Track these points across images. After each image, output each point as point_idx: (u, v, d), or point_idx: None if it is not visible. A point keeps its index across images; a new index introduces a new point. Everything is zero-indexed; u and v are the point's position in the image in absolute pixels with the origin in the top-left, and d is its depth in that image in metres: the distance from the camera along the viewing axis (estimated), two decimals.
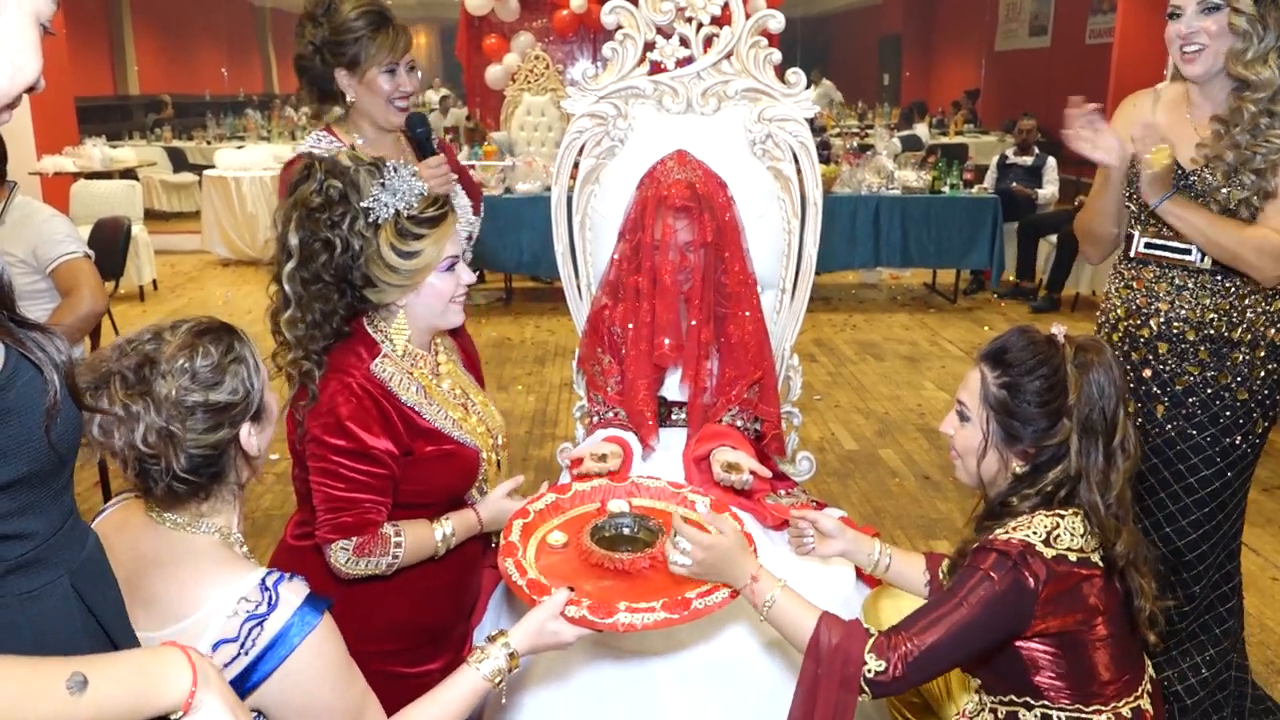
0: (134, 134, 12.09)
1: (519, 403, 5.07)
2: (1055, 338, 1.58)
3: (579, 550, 1.68)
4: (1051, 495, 1.53)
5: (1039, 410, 1.53)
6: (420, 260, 1.73)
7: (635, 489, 1.83)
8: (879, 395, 5.24)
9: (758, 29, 2.48)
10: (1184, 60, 2.04)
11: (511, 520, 1.75)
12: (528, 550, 1.66)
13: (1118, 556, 1.51)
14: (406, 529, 1.78)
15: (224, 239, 8.76)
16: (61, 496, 0.99)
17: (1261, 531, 3.62)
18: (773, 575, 1.58)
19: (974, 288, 7.62)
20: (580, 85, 2.55)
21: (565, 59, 10.22)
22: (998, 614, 1.45)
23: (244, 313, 7.09)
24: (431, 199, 1.76)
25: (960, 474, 1.68)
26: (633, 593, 1.54)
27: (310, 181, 1.71)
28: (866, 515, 3.74)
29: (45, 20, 0.98)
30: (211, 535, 1.31)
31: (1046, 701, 1.52)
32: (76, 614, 1.00)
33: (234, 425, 1.29)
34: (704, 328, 2.24)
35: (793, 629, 1.53)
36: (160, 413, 1.22)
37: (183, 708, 0.98)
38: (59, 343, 0.97)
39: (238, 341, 1.33)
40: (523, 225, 6.65)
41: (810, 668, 1.50)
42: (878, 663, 1.44)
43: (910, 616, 1.50)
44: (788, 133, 2.50)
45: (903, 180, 7.21)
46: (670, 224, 2.22)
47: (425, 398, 1.83)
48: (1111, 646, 1.52)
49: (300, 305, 1.73)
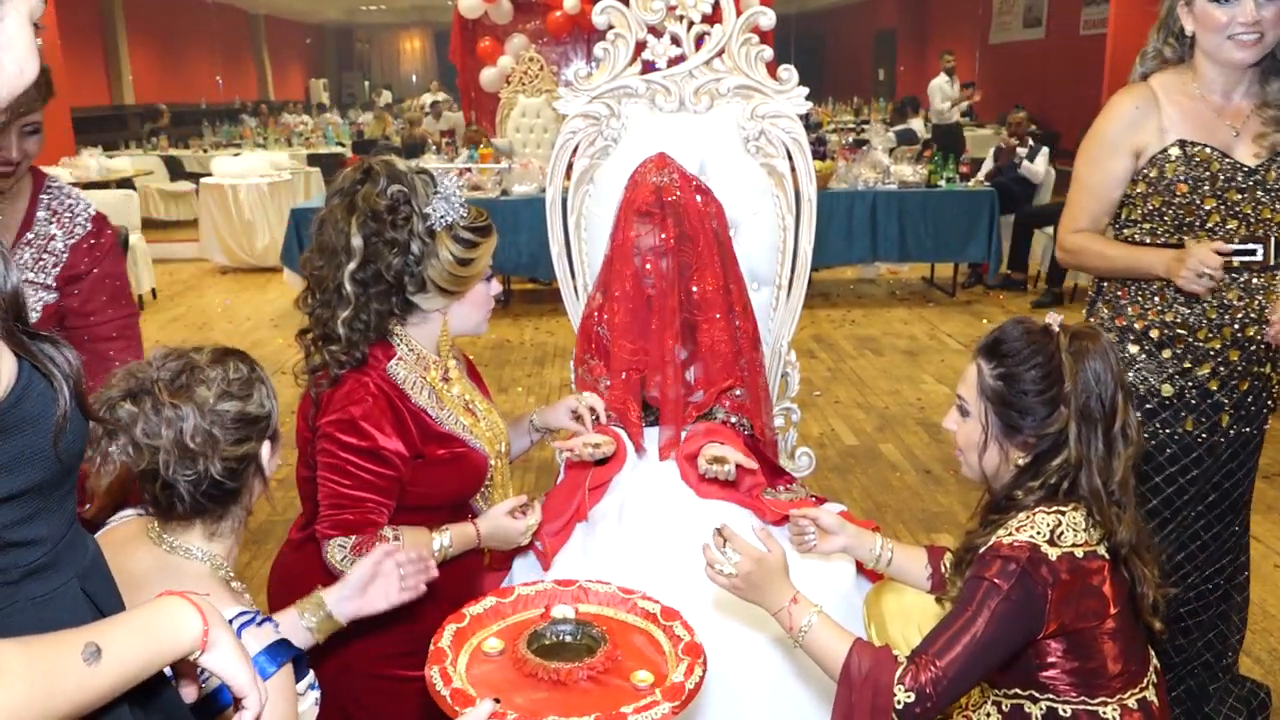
0: (130, 143, 12.11)
1: (519, 404, 5.08)
2: (1050, 327, 1.58)
3: (514, 658, 1.55)
4: (1055, 487, 1.53)
5: (1036, 399, 1.53)
6: (475, 267, 1.83)
7: (583, 594, 1.71)
8: (879, 390, 5.24)
9: (749, 26, 2.48)
10: (1238, 46, 1.95)
11: (444, 625, 1.61)
12: (459, 658, 1.54)
13: (1120, 544, 1.51)
14: (406, 534, 1.77)
15: (222, 246, 8.77)
16: (65, 503, 1.00)
17: (1263, 519, 3.62)
18: (810, 601, 1.55)
19: (972, 281, 7.63)
20: (573, 86, 2.55)
21: (560, 60, 10.21)
22: (1013, 625, 1.45)
23: (243, 319, 7.10)
24: (478, 211, 1.84)
25: (965, 470, 1.67)
26: (566, 706, 1.42)
27: (371, 184, 1.75)
28: (867, 510, 3.74)
29: (37, 18, 0.99)
30: (203, 563, 1.33)
31: (1052, 694, 1.52)
32: (88, 616, 1.01)
33: (259, 439, 1.35)
34: (667, 333, 2.22)
35: (826, 655, 1.51)
36: (204, 416, 1.29)
37: (199, 647, 1.00)
38: (69, 353, 0.98)
39: (254, 363, 1.41)
40: (520, 227, 6.66)
41: (844, 694, 1.48)
42: (907, 694, 1.43)
43: (928, 638, 1.48)
44: (781, 129, 2.51)
45: (899, 175, 7.21)
46: (635, 229, 2.22)
47: (436, 401, 1.86)
48: (1118, 638, 1.52)
49: (358, 305, 1.76)
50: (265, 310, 7.40)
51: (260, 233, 8.69)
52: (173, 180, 11.30)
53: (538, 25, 9.89)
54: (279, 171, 9.40)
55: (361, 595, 1.58)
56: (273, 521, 3.68)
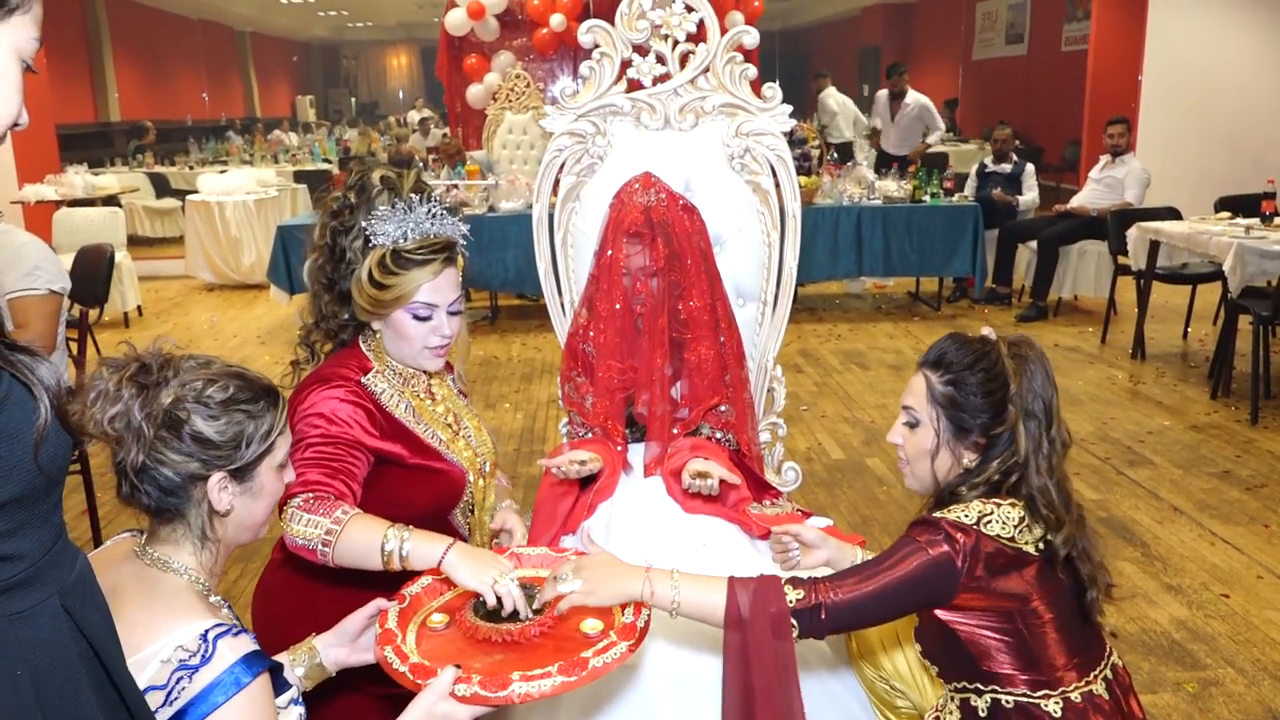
0: (116, 160, 12.06)
1: (507, 420, 5.08)
2: (987, 337, 1.66)
3: (463, 628, 1.56)
4: (999, 484, 1.59)
5: (984, 400, 1.60)
6: (387, 294, 1.76)
7: (517, 560, 1.73)
8: (865, 404, 5.26)
9: (733, 45, 2.51)
10: None
11: (386, 609, 1.60)
12: (407, 636, 1.54)
13: (1060, 546, 1.55)
14: (361, 516, 1.65)
15: (208, 263, 8.74)
16: (51, 517, 0.99)
17: (1245, 530, 3.65)
18: (662, 569, 1.56)
19: (957, 295, 7.67)
20: (559, 104, 2.57)
21: (546, 77, 10.24)
22: (922, 583, 1.51)
23: (230, 336, 7.08)
24: (430, 242, 1.77)
25: (910, 483, 1.73)
26: (525, 662, 1.44)
27: (344, 188, 1.82)
28: (854, 524, 3.75)
29: (28, 58, 0.99)
30: (181, 576, 1.32)
31: (996, 686, 1.57)
32: (67, 634, 0.99)
33: (208, 465, 1.30)
34: (656, 352, 2.23)
35: (707, 609, 1.53)
36: (143, 410, 1.24)
37: None
38: (49, 367, 0.98)
39: (268, 405, 1.35)
40: (507, 243, 6.67)
41: (735, 639, 1.50)
42: (796, 591, 1.50)
43: (839, 573, 1.56)
44: (765, 147, 2.53)
45: (884, 190, 7.25)
46: (625, 249, 2.23)
47: (414, 416, 1.86)
48: (1058, 633, 1.56)
49: (315, 297, 1.87)
50: (252, 327, 7.38)
51: (247, 250, 8.67)
52: (159, 197, 11.27)
53: (524, 42, 9.91)
54: (265, 188, 9.38)
55: (352, 643, 1.58)
56: (259, 539, 3.66)
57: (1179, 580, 3.30)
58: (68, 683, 0.99)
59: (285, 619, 1.81)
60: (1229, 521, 3.73)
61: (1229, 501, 3.92)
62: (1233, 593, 3.21)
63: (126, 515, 3.93)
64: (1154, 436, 4.68)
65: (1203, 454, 4.43)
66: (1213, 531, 3.65)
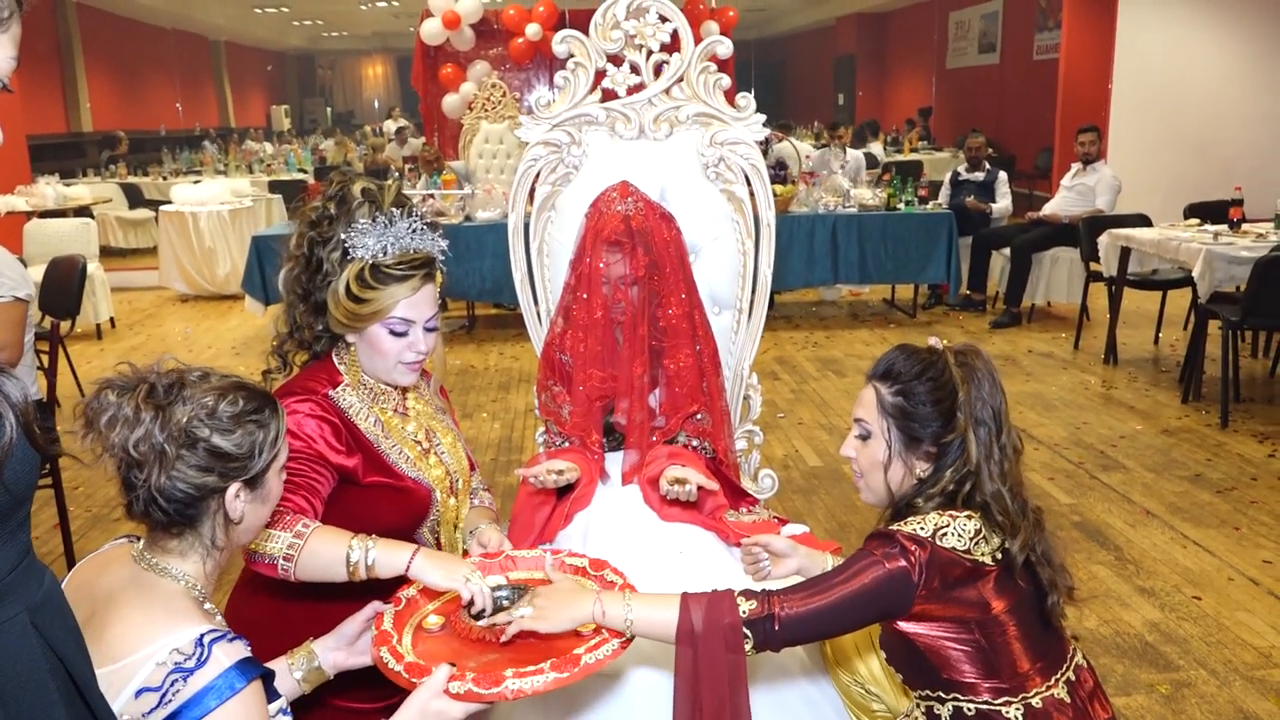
0: (88, 171, 11.95)
1: (484, 430, 5.07)
2: (935, 347, 1.68)
3: (458, 629, 1.59)
4: (954, 494, 1.60)
5: (934, 409, 1.61)
6: (365, 308, 1.75)
7: (510, 562, 1.76)
8: (842, 411, 5.28)
9: (707, 55, 2.52)
10: None
11: (382, 611, 1.62)
12: (403, 638, 1.57)
13: (1017, 552, 1.56)
14: (323, 529, 1.63)
15: (182, 274, 8.67)
16: (17, 535, 0.99)
17: (1216, 533, 3.69)
18: (614, 592, 1.59)
19: (932, 302, 7.73)
20: (534, 114, 2.58)
21: (522, 86, 10.26)
22: (880, 592, 1.51)
23: (205, 347, 7.03)
24: (410, 257, 1.76)
25: (865, 495, 1.73)
26: (519, 660, 1.48)
27: (324, 198, 1.80)
28: (831, 530, 3.77)
29: (4, 77, 0.99)
30: (179, 582, 1.32)
31: (958, 694, 1.58)
32: (36, 650, 0.99)
33: (225, 478, 1.32)
34: (636, 360, 2.24)
35: (660, 626, 1.53)
36: (163, 431, 1.27)
37: None
38: (15, 383, 0.97)
39: (271, 412, 1.38)
40: (484, 253, 6.66)
41: (686, 654, 1.50)
42: (749, 602, 1.50)
43: (796, 585, 1.56)
44: (739, 155, 2.55)
45: (859, 198, 7.31)
46: (604, 258, 2.24)
47: (383, 431, 1.84)
48: (1019, 640, 1.57)
49: (290, 307, 1.83)
50: (226, 339, 7.33)
51: (221, 260, 8.62)
52: (132, 208, 11.17)
53: (500, 52, 9.94)
54: (240, 198, 9.34)
55: (350, 646, 1.59)
56: None
57: (1151, 583, 3.33)
58: (38, 700, 0.98)
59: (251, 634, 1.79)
60: (1200, 524, 3.78)
61: (1200, 504, 3.97)
62: (1204, 595, 3.24)
63: (99, 531, 3.90)
64: (1126, 441, 4.73)
65: (1174, 458, 4.49)
66: (1184, 534, 3.69)
